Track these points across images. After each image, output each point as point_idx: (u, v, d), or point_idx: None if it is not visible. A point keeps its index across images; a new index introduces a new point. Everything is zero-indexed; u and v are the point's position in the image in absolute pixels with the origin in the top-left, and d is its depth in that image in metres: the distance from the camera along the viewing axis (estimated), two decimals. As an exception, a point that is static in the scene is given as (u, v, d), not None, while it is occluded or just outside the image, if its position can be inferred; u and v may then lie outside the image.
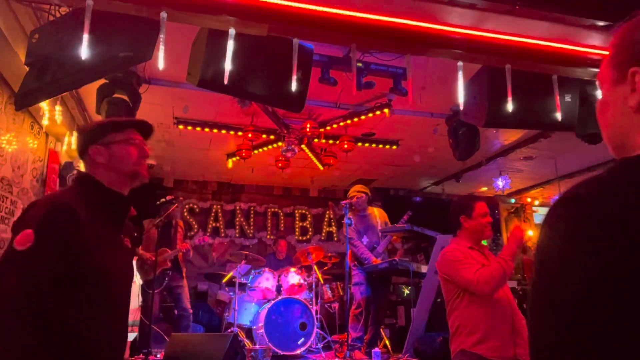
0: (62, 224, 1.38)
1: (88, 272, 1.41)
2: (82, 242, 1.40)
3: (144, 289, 5.24)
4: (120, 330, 1.61)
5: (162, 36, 2.60)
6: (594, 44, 3.24)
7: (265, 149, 5.99)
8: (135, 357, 4.52)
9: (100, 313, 1.46)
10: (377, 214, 5.40)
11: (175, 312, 5.51)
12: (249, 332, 5.77)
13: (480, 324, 2.48)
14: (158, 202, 5.09)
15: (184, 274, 5.50)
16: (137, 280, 5.30)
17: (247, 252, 6.13)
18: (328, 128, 5.36)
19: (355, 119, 5.10)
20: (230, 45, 2.77)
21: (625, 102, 0.76)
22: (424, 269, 5.12)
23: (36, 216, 1.38)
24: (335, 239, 8.35)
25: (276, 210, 8.36)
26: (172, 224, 5.50)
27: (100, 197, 1.53)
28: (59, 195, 1.59)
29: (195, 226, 7.83)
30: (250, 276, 5.89)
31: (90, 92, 4.00)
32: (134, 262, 5.30)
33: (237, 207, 8.14)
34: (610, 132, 0.80)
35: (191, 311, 5.46)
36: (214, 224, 7.96)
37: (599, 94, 3.42)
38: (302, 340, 5.34)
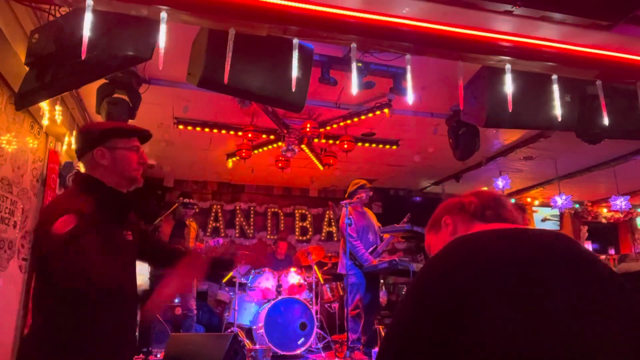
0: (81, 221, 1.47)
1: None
2: (93, 241, 1.50)
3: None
4: (129, 319, 1.71)
5: (162, 36, 2.60)
6: (595, 44, 3.24)
7: (265, 149, 5.99)
8: (135, 357, 4.52)
9: (110, 303, 1.55)
10: (372, 214, 5.41)
11: (179, 311, 5.52)
12: (249, 332, 5.78)
13: None
14: (178, 202, 5.20)
15: None
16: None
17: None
18: (328, 128, 5.35)
19: (355, 119, 5.09)
20: (230, 45, 2.77)
21: (445, 234, 1.25)
22: (424, 269, 5.12)
23: (64, 208, 1.48)
24: (335, 239, 8.35)
25: (276, 210, 8.35)
26: (185, 224, 5.58)
27: (103, 196, 1.63)
28: (68, 197, 1.67)
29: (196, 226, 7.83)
30: (250, 276, 5.89)
31: (90, 92, 4.00)
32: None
33: (237, 207, 8.14)
34: None
35: (195, 312, 5.49)
36: (214, 224, 7.96)
37: (599, 94, 3.43)
38: (302, 340, 5.34)
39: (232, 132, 5.52)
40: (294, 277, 5.82)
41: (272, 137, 5.68)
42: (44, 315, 1.51)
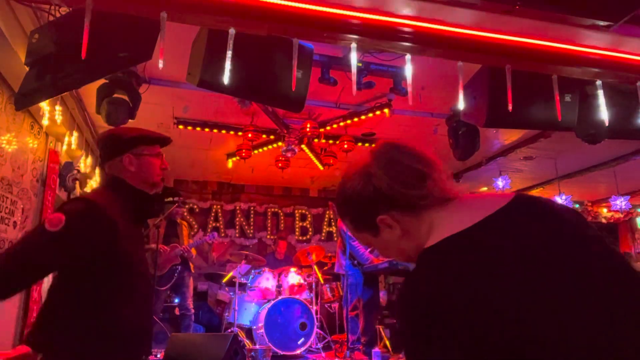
0: (92, 219, 1.57)
1: (118, 264, 1.62)
2: (113, 238, 1.59)
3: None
4: (148, 314, 1.87)
5: (162, 36, 2.60)
6: (594, 44, 3.24)
7: (265, 149, 5.99)
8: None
9: (131, 298, 1.66)
10: None
11: (177, 311, 5.53)
12: (249, 332, 5.77)
13: None
14: (165, 201, 5.17)
15: (192, 270, 5.58)
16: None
17: (247, 252, 6.13)
18: (328, 128, 5.36)
19: (355, 119, 5.10)
20: (230, 45, 2.77)
21: (393, 236, 1.01)
22: (424, 269, 5.12)
23: (72, 208, 1.58)
24: (335, 239, 8.35)
25: (276, 210, 8.36)
26: (176, 223, 5.59)
27: (131, 197, 1.74)
28: (96, 195, 1.78)
29: (196, 226, 7.83)
30: (250, 276, 5.90)
31: (90, 92, 4.00)
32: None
33: (237, 207, 8.14)
34: (404, 256, 1.06)
35: (193, 311, 5.50)
36: (214, 224, 7.96)
37: (599, 94, 3.43)
38: (302, 340, 5.34)
39: (232, 132, 5.52)
40: (294, 277, 5.83)
41: (272, 137, 5.68)
42: (55, 299, 1.59)
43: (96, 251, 1.55)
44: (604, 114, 3.43)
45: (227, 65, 2.76)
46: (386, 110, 4.83)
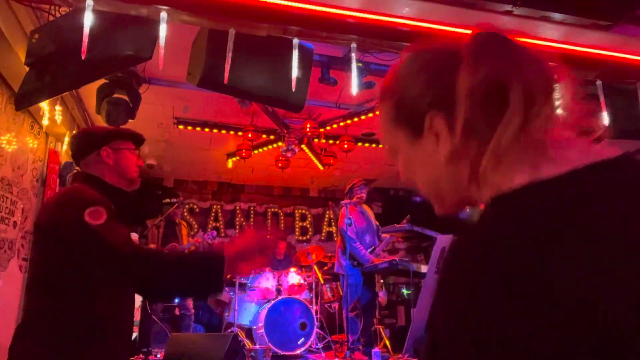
0: (110, 208, 1.56)
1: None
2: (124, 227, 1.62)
3: None
4: (132, 311, 1.84)
5: (162, 36, 2.60)
6: (595, 43, 3.24)
7: (265, 149, 5.99)
8: (135, 357, 4.52)
9: (124, 294, 1.66)
10: (370, 212, 5.40)
11: (177, 311, 5.53)
12: (249, 332, 5.77)
13: None
14: (163, 202, 5.18)
15: None
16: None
17: (247, 252, 6.13)
18: (328, 128, 5.36)
19: (355, 119, 5.10)
20: (230, 45, 2.77)
21: (434, 155, 0.68)
22: (424, 269, 5.12)
23: (87, 200, 1.55)
24: (335, 238, 8.35)
25: (276, 210, 8.36)
26: (175, 223, 5.60)
27: (109, 194, 1.68)
28: (82, 188, 1.68)
29: (196, 226, 7.83)
30: (250, 276, 5.89)
31: (90, 92, 4.00)
32: None
33: (237, 207, 8.14)
34: (433, 186, 0.74)
35: (193, 311, 5.50)
36: (214, 224, 7.96)
37: (600, 94, 3.42)
38: (302, 340, 5.34)
39: (232, 132, 5.52)
40: (293, 277, 5.82)
41: (272, 137, 5.68)
42: (44, 300, 1.53)
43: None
44: (604, 114, 3.43)
45: (227, 65, 2.76)
46: (386, 110, 4.82)
